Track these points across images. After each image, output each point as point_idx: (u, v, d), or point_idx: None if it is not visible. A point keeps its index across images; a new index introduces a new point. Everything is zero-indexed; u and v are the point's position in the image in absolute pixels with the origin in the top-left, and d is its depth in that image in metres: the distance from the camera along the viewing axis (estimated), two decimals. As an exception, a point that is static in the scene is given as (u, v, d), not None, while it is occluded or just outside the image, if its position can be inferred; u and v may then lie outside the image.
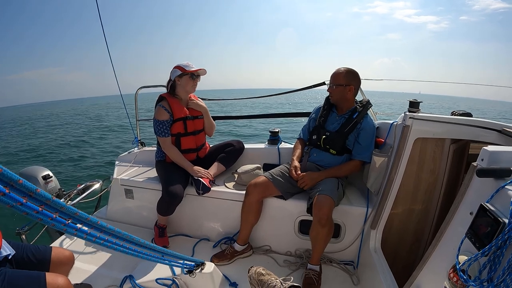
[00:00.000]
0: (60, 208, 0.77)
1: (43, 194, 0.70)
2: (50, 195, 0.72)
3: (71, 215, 0.81)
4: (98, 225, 0.91)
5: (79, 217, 0.84)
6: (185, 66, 2.47)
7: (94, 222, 0.89)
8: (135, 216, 2.84)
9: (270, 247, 2.46)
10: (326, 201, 1.97)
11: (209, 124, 2.77)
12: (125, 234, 1.03)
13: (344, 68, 2.29)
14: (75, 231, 0.84)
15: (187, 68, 2.47)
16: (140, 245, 1.15)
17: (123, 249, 1.06)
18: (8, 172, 0.62)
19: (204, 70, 2.55)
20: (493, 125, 1.71)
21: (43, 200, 0.72)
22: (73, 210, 0.81)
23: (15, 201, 0.65)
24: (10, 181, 0.62)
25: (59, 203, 0.75)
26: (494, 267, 0.87)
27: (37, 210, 0.71)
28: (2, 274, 1.36)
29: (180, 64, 2.49)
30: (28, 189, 0.67)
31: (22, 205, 0.67)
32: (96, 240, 0.93)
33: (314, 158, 2.39)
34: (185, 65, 2.48)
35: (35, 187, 0.68)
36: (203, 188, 2.40)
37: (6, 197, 0.62)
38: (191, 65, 2.49)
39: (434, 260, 1.28)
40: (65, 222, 0.81)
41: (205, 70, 2.56)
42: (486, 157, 1.06)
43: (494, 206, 0.95)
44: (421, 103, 2.13)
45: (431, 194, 2.05)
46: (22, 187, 0.65)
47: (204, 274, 1.78)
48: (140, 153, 3.22)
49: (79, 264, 1.99)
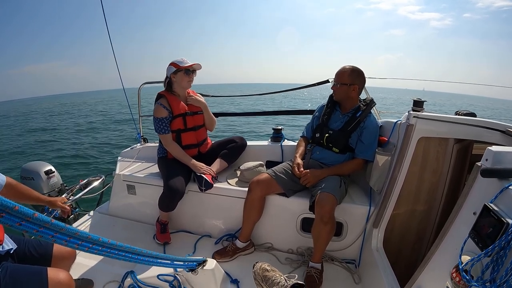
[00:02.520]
0: (60, 229, 0.79)
1: (41, 218, 0.72)
2: (48, 219, 0.74)
3: (71, 235, 0.84)
4: (99, 242, 0.94)
5: (79, 236, 0.86)
6: (179, 62, 2.46)
7: (95, 240, 0.92)
8: (137, 212, 2.85)
9: (272, 245, 2.46)
10: (329, 199, 1.97)
11: (209, 119, 2.77)
12: (127, 247, 1.06)
13: (349, 67, 2.27)
14: (77, 246, 0.87)
15: (181, 64, 2.45)
16: (140, 254, 1.16)
17: (119, 257, 1.07)
18: (2, 200, 0.62)
19: (199, 64, 2.53)
20: (497, 125, 1.70)
21: (42, 224, 0.73)
22: (73, 230, 0.83)
23: (13, 222, 0.66)
24: (6, 209, 0.63)
25: (59, 225, 0.77)
26: (497, 268, 0.87)
27: (36, 230, 0.73)
28: (4, 268, 1.37)
29: (174, 61, 2.48)
30: (25, 215, 0.68)
31: (21, 225, 0.68)
32: (90, 250, 0.95)
33: (317, 156, 2.38)
34: (179, 61, 2.47)
35: (32, 212, 0.69)
36: (206, 185, 2.40)
37: (4, 219, 0.63)
38: (185, 61, 2.48)
39: (436, 260, 1.27)
40: (66, 239, 0.83)
41: (200, 65, 2.54)
42: (491, 157, 1.06)
43: (498, 206, 0.94)
44: (425, 102, 2.12)
45: (434, 194, 2.04)
46: (18, 214, 0.66)
47: (205, 271, 1.78)
48: (142, 149, 3.23)
49: (80, 259, 2.00)
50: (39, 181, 3.00)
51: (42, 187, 2.99)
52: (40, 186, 2.97)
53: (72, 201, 2.47)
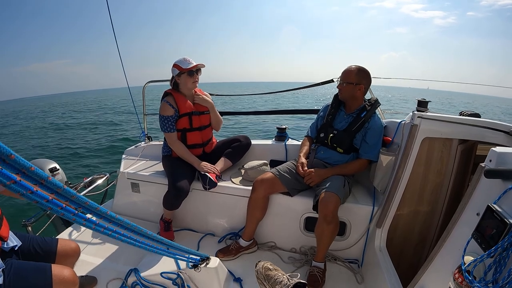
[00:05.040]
0: (71, 197, 0.77)
1: (55, 182, 0.70)
2: (61, 184, 0.72)
3: (81, 204, 0.81)
4: (107, 215, 0.91)
5: (88, 206, 0.83)
6: (181, 64, 2.45)
7: (104, 212, 0.89)
8: (141, 210, 2.86)
9: (275, 244, 2.47)
10: (332, 198, 1.97)
11: (216, 119, 2.76)
12: (133, 225, 1.03)
13: (356, 66, 2.27)
14: (84, 221, 0.85)
15: (184, 66, 2.44)
16: (147, 236, 1.15)
17: (130, 241, 1.07)
18: (20, 159, 0.61)
19: (202, 64, 2.51)
20: (501, 126, 1.69)
21: (54, 189, 0.71)
22: (83, 199, 0.81)
23: (25, 189, 0.65)
24: (22, 168, 0.62)
25: (70, 192, 0.75)
26: (500, 269, 0.87)
27: (47, 199, 0.71)
28: (9, 265, 1.38)
29: (177, 62, 2.47)
30: (40, 177, 0.66)
31: (33, 193, 0.67)
32: (104, 231, 0.93)
33: (321, 156, 2.38)
34: (182, 61, 2.45)
35: (47, 175, 0.67)
36: (210, 183, 2.41)
37: (16, 185, 0.62)
38: (188, 61, 2.46)
39: (439, 260, 1.27)
40: (74, 212, 0.81)
41: (203, 64, 2.52)
42: (494, 158, 1.06)
43: (501, 207, 0.94)
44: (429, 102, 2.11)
45: (438, 195, 2.04)
46: (34, 174, 0.64)
47: (209, 269, 1.79)
48: (147, 147, 3.24)
49: (84, 256, 2.02)
50: None
51: None
52: None
53: None
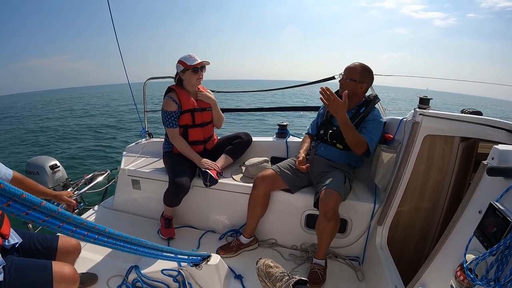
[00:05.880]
0: (67, 219, 0.78)
1: (48, 207, 0.70)
2: (55, 207, 0.72)
3: (78, 225, 0.83)
4: (105, 233, 0.92)
5: (86, 226, 0.85)
6: (186, 60, 2.45)
7: (102, 230, 0.90)
8: (142, 207, 2.86)
9: (276, 241, 2.47)
10: (333, 195, 1.96)
11: (218, 116, 2.76)
12: (133, 239, 1.05)
13: (360, 64, 2.26)
14: (83, 237, 0.86)
15: (189, 62, 2.44)
16: (145, 246, 1.16)
17: (125, 249, 1.07)
18: (10, 187, 0.61)
19: (207, 61, 2.51)
20: (503, 124, 1.69)
21: (49, 213, 0.72)
22: (79, 220, 0.82)
23: (20, 211, 0.65)
24: (13, 196, 0.62)
25: (65, 215, 0.76)
26: (502, 267, 0.86)
27: (43, 219, 0.71)
28: (9, 262, 1.38)
29: (182, 58, 2.47)
30: (32, 203, 0.66)
31: (27, 214, 0.67)
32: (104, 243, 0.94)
33: (321, 152, 2.38)
34: (187, 58, 2.45)
35: (39, 201, 0.67)
36: (211, 180, 2.41)
37: (10, 208, 0.62)
38: (193, 57, 2.46)
39: (440, 258, 1.27)
40: (72, 229, 0.82)
41: (208, 62, 2.52)
42: (497, 156, 1.05)
43: (503, 205, 0.94)
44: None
45: (439, 193, 2.03)
46: (26, 202, 0.65)
47: (209, 266, 1.79)
48: (147, 144, 3.24)
49: (85, 253, 2.02)
50: (44, 175, 3.01)
51: (47, 181, 3.00)
52: (45, 181, 2.99)
53: (78, 195, 2.48)
